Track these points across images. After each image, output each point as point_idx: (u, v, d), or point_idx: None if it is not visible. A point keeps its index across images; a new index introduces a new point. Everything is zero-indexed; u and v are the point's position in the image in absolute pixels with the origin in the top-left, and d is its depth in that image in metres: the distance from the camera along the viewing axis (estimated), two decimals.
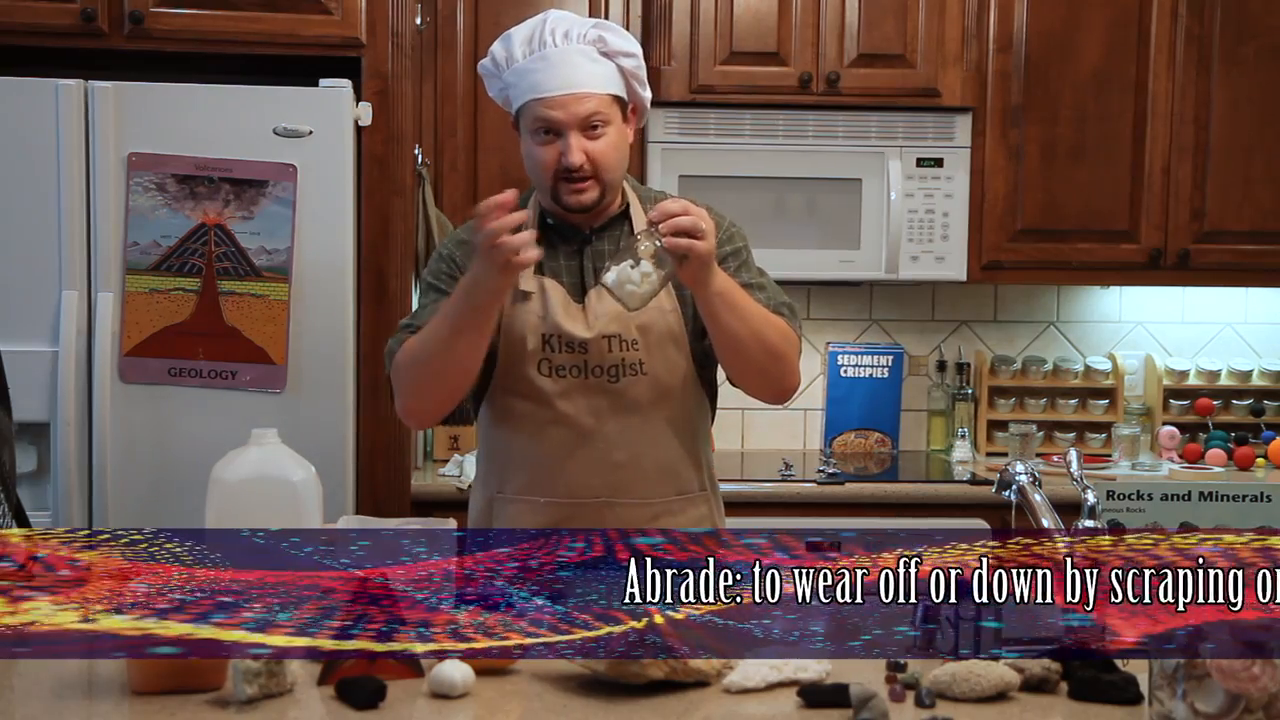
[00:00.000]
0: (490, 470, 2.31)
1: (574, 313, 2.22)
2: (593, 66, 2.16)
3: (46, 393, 2.97)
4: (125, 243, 3.01)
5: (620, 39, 2.21)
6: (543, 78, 2.15)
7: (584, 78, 2.15)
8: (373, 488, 3.19)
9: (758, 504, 3.37)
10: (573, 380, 2.21)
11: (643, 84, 2.25)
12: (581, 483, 2.22)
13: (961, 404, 3.93)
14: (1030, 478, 2.00)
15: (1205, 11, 3.67)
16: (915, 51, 3.61)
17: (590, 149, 2.15)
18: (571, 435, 2.21)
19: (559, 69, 2.14)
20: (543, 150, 2.18)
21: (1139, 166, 3.69)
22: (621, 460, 2.22)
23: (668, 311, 2.23)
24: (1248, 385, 4.01)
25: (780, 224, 3.56)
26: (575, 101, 2.14)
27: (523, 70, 2.17)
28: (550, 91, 2.14)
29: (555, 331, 2.20)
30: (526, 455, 2.25)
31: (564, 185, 2.17)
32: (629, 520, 2.21)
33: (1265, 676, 1.46)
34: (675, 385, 2.25)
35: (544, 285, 2.23)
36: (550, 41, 2.16)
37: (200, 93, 3.05)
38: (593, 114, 2.14)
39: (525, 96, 2.17)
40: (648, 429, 2.22)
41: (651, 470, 2.23)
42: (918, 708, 1.63)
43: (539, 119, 2.16)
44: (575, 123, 2.14)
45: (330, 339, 3.08)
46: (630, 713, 1.61)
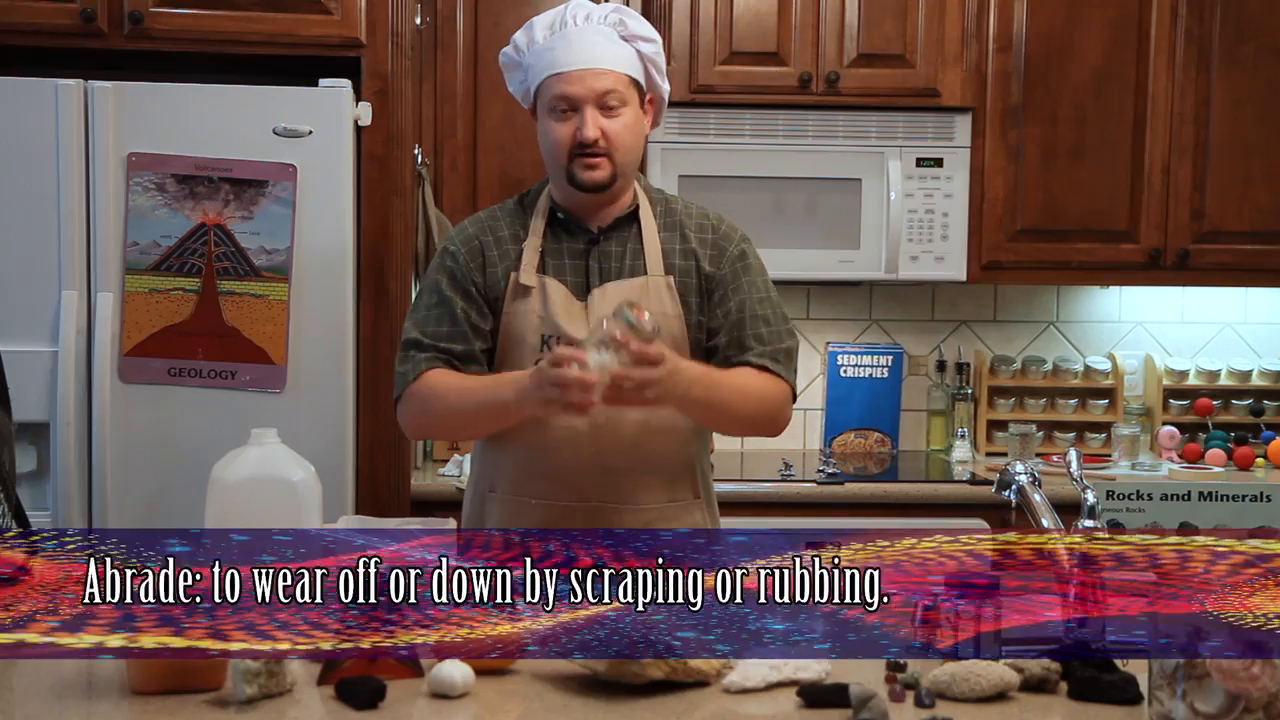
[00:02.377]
0: (484, 467, 2.32)
1: (575, 313, 2.21)
2: (612, 46, 2.19)
3: (46, 393, 2.97)
4: (125, 243, 3.01)
5: (640, 24, 2.24)
6: (561, 54, 2.18)
7: (602, 55, 2.18)
8: (373, 488, 3.19)
9: (757, 504, 3.37)
10: None
11: (661, 75, 2.26)
12: (575, 486, 2.22)
13: (961, 404, 3.93)
14: (1030, 478, 2.00)
15: (1205, 11, 3.67)
16: (915, 51, 3.61)
17: (606, 126, 2.17)
18: (566, 438, 2.20)
19: (577, 46, 2.17)
20: (559, 126, 2.19)
21: (1139, 166, 3.69)
22: (616, 465, 2.21)
23: (671, 317, 2.23)
24: (1247, 385, 4.01)
25: (780, 224, 3.56)
26: (593, 76, 2.16)
27: (542, 50, 2.20)
28: (568, 66, 2.16)
29: (554, 333, 2.20)
30: (521, 455, 2.24)
31: (578, 161, 2.18)
32: (620, 525, 2.21)
33: (1265, 676, 1.46)
34: None
35: (545, 284, 2.23)
36: (571, 22, 2.19)
37: (200, 93, 3.05)
38: (610, 91, 2.16)
39: (544, 74, 2.19)
40: (644, 435, 2.21)
41: (646, 477, 2.23)
42: (918, 708, 1.63)
43: (557, 95, 2.17)
44: (592, 97, 2.16)
45: (330, 339, 3.08)
46: (630, 713, 1.61)
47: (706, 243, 2.28)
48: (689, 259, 2.27)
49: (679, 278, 2.25)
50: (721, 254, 2.28)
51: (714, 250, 2.28)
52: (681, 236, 2.28)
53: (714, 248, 2.28)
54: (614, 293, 2.21)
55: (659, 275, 2.25)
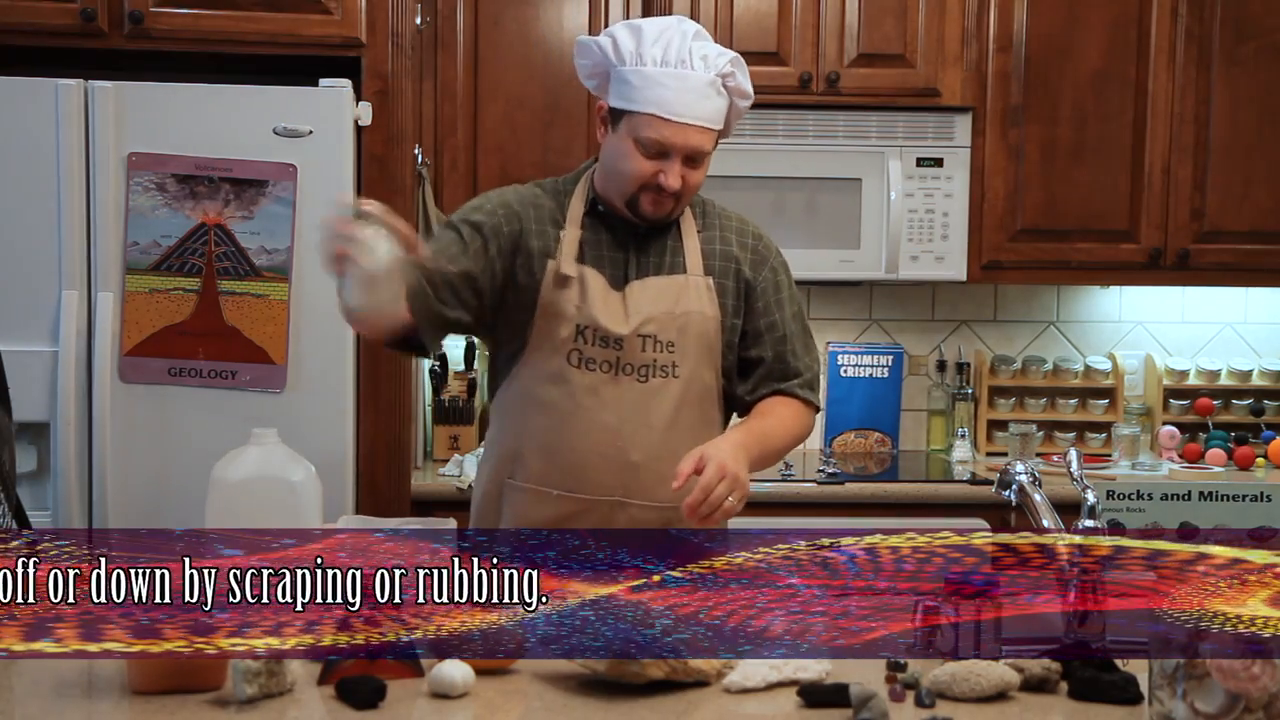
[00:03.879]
0: (504, 454, 2.29)
1: (613, 303, 2.21)
2: (717, 101, 2.17)
3: (46, 393, 2.97)
4: (125, 242, 3.01)
5: (745, 80, 2.21)
6: (674, 97, 2.13)
7: (709, 112, 2.16)
8: (373, 488, 3.19)
9: (758, 504, 3.33)
10: (602, 375, 2.20)
11: (734, 124, 2.26)
12: (595, 480, 2.22)
13: (961, 404, 3.93)
14: (1030, 477, 2.00)
15: (1205, 11, 3.67)
16: (915, 51, 3.61)
17: (688, 176, 2.17)
18: (592, 430, 2.20)
19: (692, 97, 2.14)
20: (643, 161, 2.16)
21: (1139, 166, 3.69)
22: (637, 461, 2.21)
23: (709, 318, 2.24)
24: (1248, 385, 4.01)
25: (780, 224, 3.55)
26: (695, 133, 2.15)
27: (653, 77, 2.14)
28: (678, 116, 2.13)
29: (591, 324, 2.20)
30: (544, 444, 2.24)
31: (647, 196, 2.18)
32: (638, 522, 2.21)
33: (1265, 676, 1.46)
34: (700, 392, 2.26)
35: (584, 274, 2.22)
36: (689, 62, 2.14)
37: (200, 93, 3.05)
38: (701, 148, 2.16)
39: (648, 108, 2.14)
40: (667, 432, 2.22)
41: (666, 473, 2.22)
42: (918, 708, 1.63)
43: (654, 139, 2.14)
44: (686, 151, 2.15)
45: (330, 339, 3.08)
46: (630, 713, 1.61)
47: (747, 247, 2.31)
48: (729, 261, 2.29)
49: (717, 279, 2.27)
50: (763, 262, 2.31)
51: (755, 256, 2.31)
52: (721, 239, 2.30)
53: (754, 253, 2.31)
54: (654, 287, 2.23)
55: (698, 275, 2.26)
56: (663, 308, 2.22)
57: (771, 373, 2.30)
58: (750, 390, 2.31)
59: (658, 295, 2.22)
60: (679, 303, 2.23)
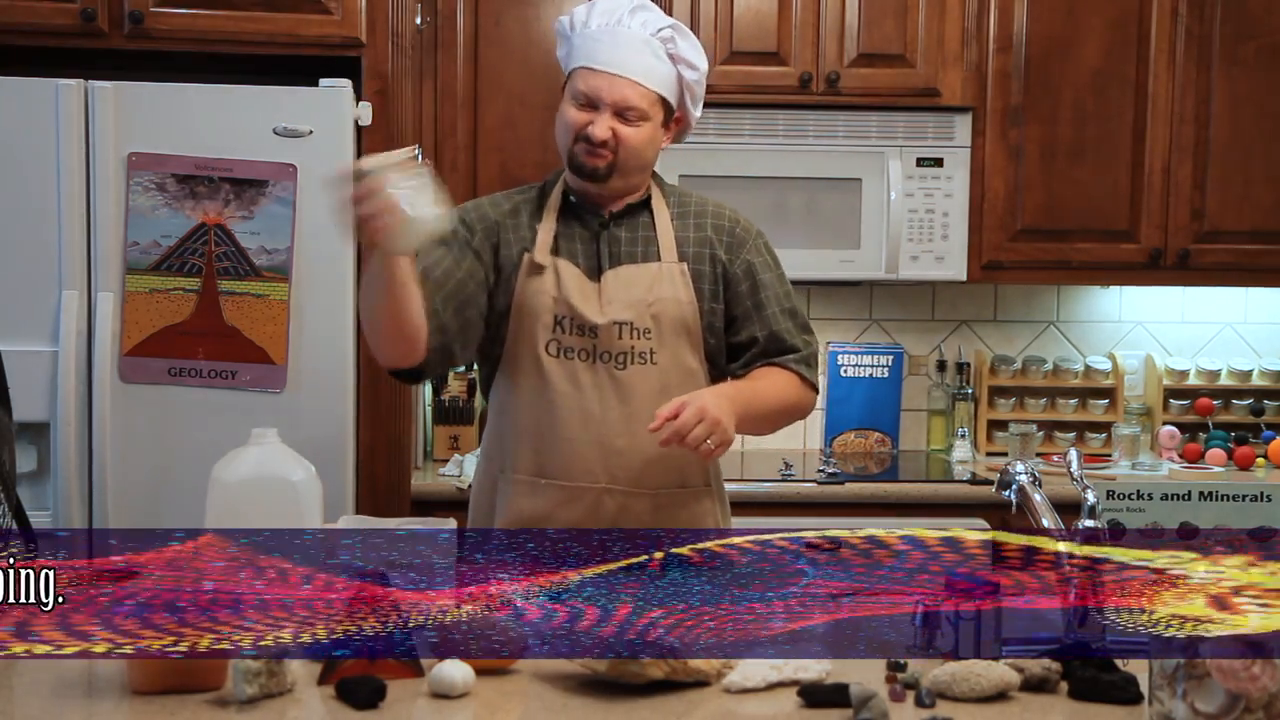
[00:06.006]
0: (497, 449, 2.32)
1: (589, 293, 2.23)
2: (653, 61, 2.20)
3: (46, 393, 2.97)
4: (125, 242, 3.01)
5: (691, 49, 2.24)
6: (602, 50, 2.19)
7: (639, 66, 2.18)
8: (373, 488, 3.19)
9: (758, 504, 3.37)
10: (580, 364, 2.22)
11: (696, 102, 2.28)
12: (582, 467, 2.23)
13: (961, 404, 3.93)
14: (1030, 477, 2.00)
15: (1205, 11, 3.67)
16: (915, 51, 3.61)
17: (620, 130, 2.19)
18: (575, 418, 2.22)
19: (620, 50, 2.18)
20: (574, 112, 2.21)
21: (1139, 166, 3.69)
22: (622, 447, 2.22)
23: (684, 304, 2.25)
24: (1248, 385, 4.01)
25: (780, 224, 3.55)
26: (622, 85, 2.17)
27: (589, 35, 2.20)
28: (602, 66, 2.18)
29: (568, 313, 2.22)
30: (531, 434, 2.25)
31: (580, 147, 2.20)
32: (629, 509, 2.22)
33: (1265, 676, 1.46)
34: (683, 377, 2.26)
35: (558, 265, 2.24)
36: (624, 21, 2.19)
37: (200, 93, 3.05)
38: (632, 106, 2.18)
39: (579, 61, 2.20)
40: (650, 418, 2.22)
41: (652, 459, 2.23)
42: (918, 708, 1.63)
43: (583, 89, 2.19)
44: (613, 103, 2.17)
45: (330, 339, 3.08)
46: (630, 713, 1.61)
47: (723, 231, 2.31)
48: (704, 246, 2.29)
49: (692, 265, 2.27)
50: (741, 245, 2.31)
51: (731, 239, 2.31)
52: (696, 225, 2.31)
53: (731, 236, 2.31)
54: (627, 275, 2.24)
55: (672, 262, 2.27)
56: (636, 295, 2.23)
57: (766, 350, 2.30)
58: (743, 367, 2.31)
59: (631, 283, 2.24)
60: (652, 290, 2.24)
